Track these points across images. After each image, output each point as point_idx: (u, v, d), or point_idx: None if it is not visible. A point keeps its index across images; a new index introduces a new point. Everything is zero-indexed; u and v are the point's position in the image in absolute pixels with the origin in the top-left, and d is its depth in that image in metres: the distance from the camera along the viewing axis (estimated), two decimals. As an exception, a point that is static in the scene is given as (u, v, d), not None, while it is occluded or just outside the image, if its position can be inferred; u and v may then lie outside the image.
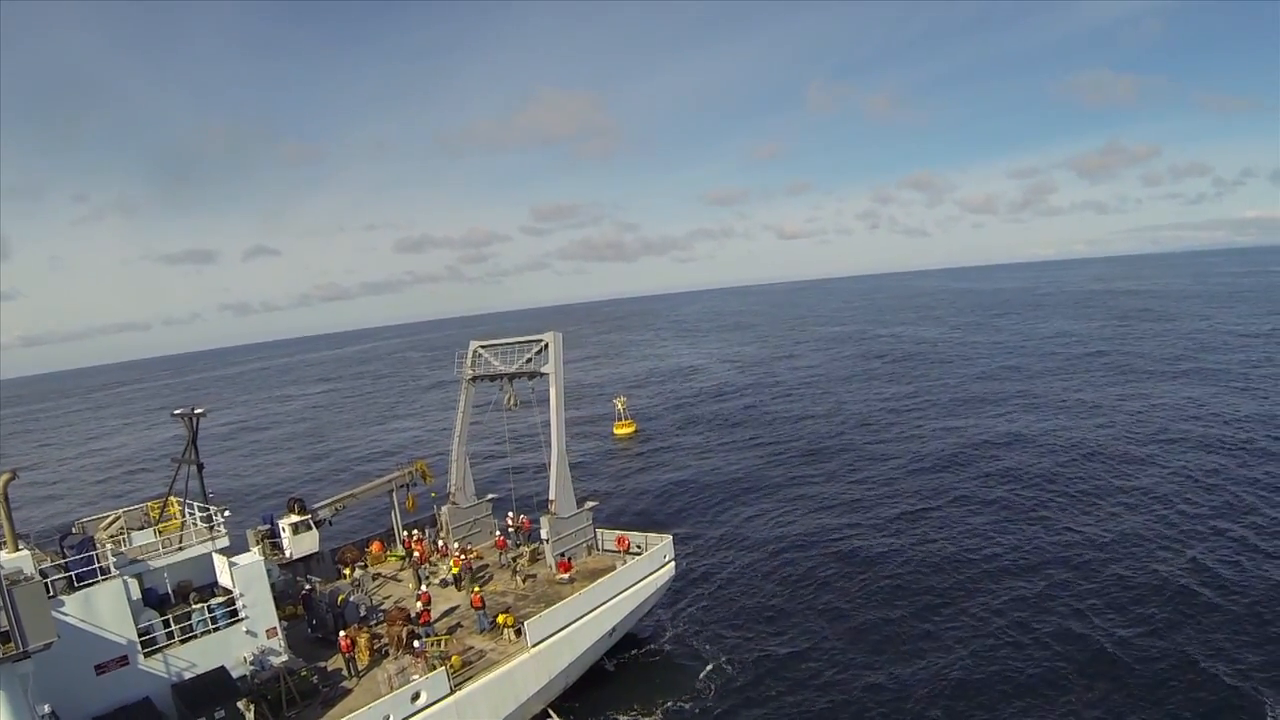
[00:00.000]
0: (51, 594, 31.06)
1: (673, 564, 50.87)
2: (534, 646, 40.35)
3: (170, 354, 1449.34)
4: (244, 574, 37.60)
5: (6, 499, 30.76)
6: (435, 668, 37.17)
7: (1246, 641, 42.81)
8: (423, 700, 35.36)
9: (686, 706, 41.81)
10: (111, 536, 37.38)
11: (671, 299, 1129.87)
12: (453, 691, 36.56)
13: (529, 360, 53.70)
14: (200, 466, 40.56)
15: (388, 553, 57.16)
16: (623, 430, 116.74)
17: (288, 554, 51.12)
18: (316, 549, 52.47)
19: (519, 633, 41.00)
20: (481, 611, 43.60)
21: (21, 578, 26.71)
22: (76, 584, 32.27)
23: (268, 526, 52.57)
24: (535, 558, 52.97)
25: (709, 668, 45.58)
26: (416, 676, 36.53)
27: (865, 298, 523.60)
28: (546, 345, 52.76)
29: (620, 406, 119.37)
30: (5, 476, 30.97)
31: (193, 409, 42.00)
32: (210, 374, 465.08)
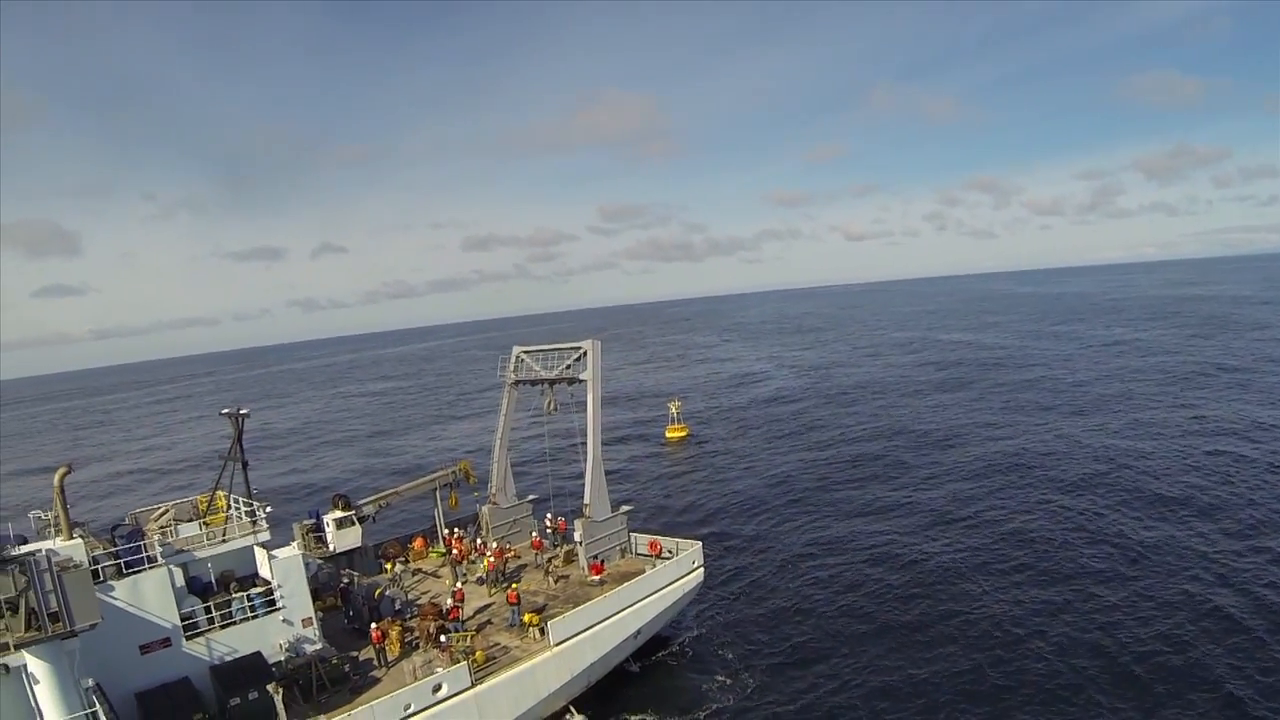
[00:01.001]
0: (101, 579, 34.06)
1: (702, 570, 52.30)
2: (557, 645, 42.18)
3: (239, 348, 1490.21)
4: (283, 566, 40.14)
5: (62, 490, 33.69)
6: (459, 662, 39.31)
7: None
8: (443, 692, 37.47)
9: (703, 713, 43.04)
10: (160, 528, 40.31)
11: (738, 300, 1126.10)
12: (473, 685, 38.56)
13: (568, 367, 55.41)
14: (245, 464, 43.22)
15: (430, 549, 59.41)
16: (675, 434, 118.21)
17: (331, 548, 53.84)
18: (359, 544, 55.11)
19: (543, 631, 42.87)
20: (515, 608, 45.68)
21: (71, 564, 29.36)
22: (125, 571, 35.19)
23: (313, 521, 55.41)
24: (569, 559, 54.69)
25: (730, 676, 46.73)
26: (440, 669, 38.70)
27: (930, 301, 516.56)
28: (585, 353, 54.35)
29: (674, 410, 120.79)
30: (62, 470, 33.94)
31: (238, 409, 44.70)
32: (277, 369, 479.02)
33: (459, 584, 50.56)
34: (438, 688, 37.44)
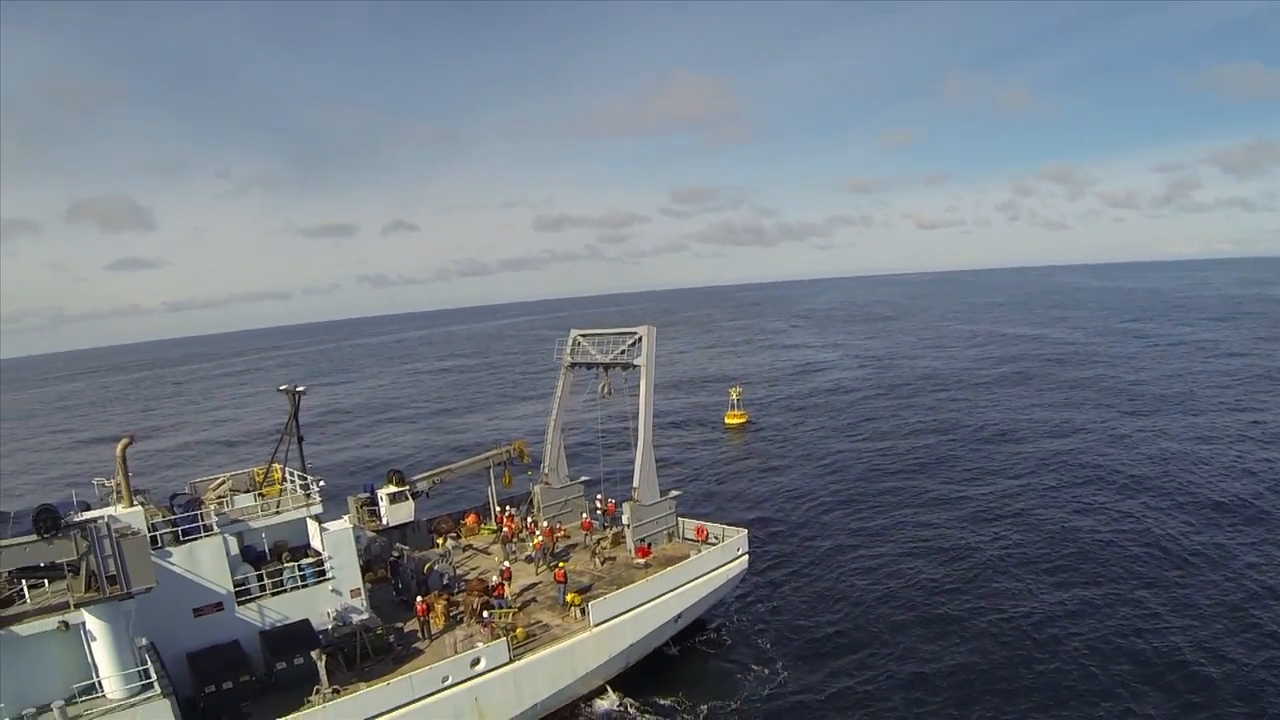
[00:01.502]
0: (159, 545, 35.86)
1: (746, 558, 52.70)
2: (597, 626, 43.01)
3: (309, 322, 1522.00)
4: (334, 539, 41.71)
5: (124, 460, 35.52)
6: (499, 638, 40.44)
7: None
8: (481, 666, 38.67)
9: (734, 702, 43.50)
10: (218, 498, 42.10)
11: (809, 285, 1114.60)
12: (511, 661, 39.64)
13: (623, 351, 55.93)
14: (300, 439, 44.86)
15: (482, 526, 60.75)
16: (734, 420, 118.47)
17: (384, 521, 55.41)
18: (412, 518, 56.58)
19: (584, 612, 43.77)
20: (563, 586, 46.67)
21: (130, 531, 31.08)
22: (182, 538, 37.05)
23: (368, 494, 57.08)
24: (617, 541, 55.50)
25: (766, 664, 47.20)
26: (480, 644, 39.90)
27: (999, 292, 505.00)
28: (641, 338, 54.89)
29: (734, 396, 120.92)
30: (124, 441, 35.82)
31: (295, 386, 46.34)
32: (346, 344, 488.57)
33: (507, 562, 51.68)
34: (476, 662, 38.62)
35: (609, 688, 44.80)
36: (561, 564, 50.17)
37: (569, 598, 45.24)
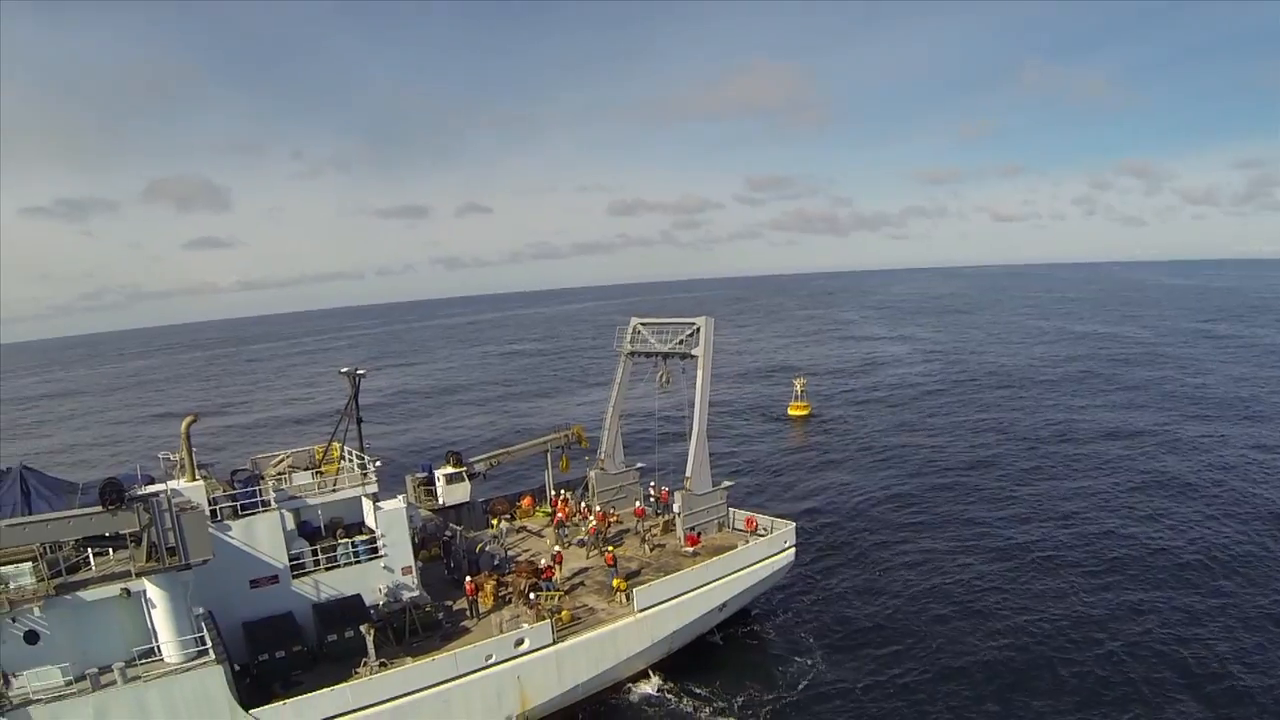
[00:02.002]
0: (219, 519, 37.47)
1: (793, 550, 52.74)
2: (640, 612, 43.67)
3: (382, 303, 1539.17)
4: (387, 518, 43.00)
5: (188, 436, 37.10)
6: (544, 619, 41.37)
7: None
8: (525, 646, 39.65)
9: (772, 692, 43.77)
10: (278, 474, 43.69)
11: (882, 276, 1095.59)
12: (555, 642, 40.57)
13: (681, 341, 56.20)
14: (360, 420, 46.23)
15: (537, 509, 61.85)
16: (797, 411, 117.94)
17: (440, 501, 56.76)
18: (467, 499, 57.87)
19: (629, 597, 44.43)
20: (613, 570, 47.51)
21: (190, 506, 32.59)
22: (241, 512, 38.62)
23: (425, 474, 58.52)
24: (668, 529, 56.02)
25: (807, 656, 47.40)
26: (526, 625, 40.85)
27: (1074, 288, 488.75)
28: (699, 329, 55.13)
29: (799, 387, 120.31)
30: (188, 419, 37.48)
31: (355, 369, 47.66)
32: (419, 325, 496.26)
33: (559, 546, 52.54)
34: (520, 642, 39.61)
35: (651, 672, 45.48)
36: (612, 548, 50.92)
37: (615, 583, 45.94)
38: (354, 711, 34.85)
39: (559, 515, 57.80)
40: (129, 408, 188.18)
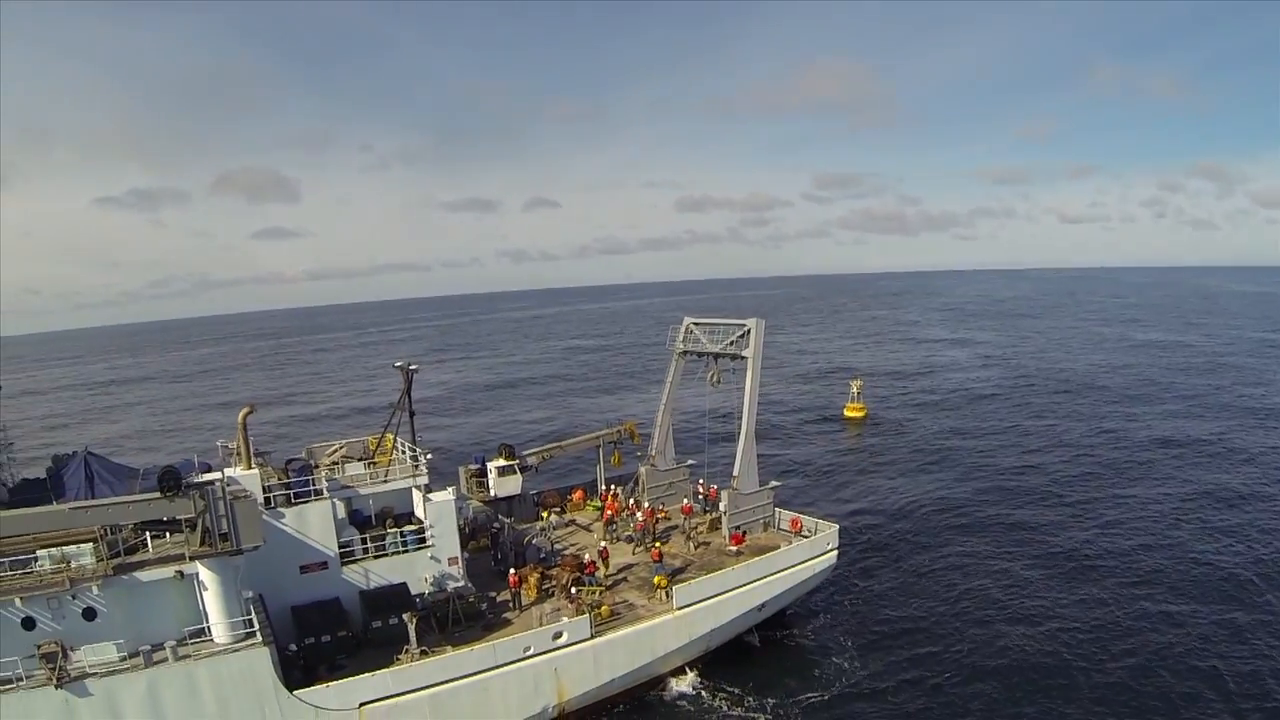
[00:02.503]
0: (272, 506, 38.72)
1: (835, 553, 52.41)
2: (679, 610, 43.96)
3: (448, 294, 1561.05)
4: (436, 509, 43.91)
5: (245, 427, 38.50)
6: (584, 613, 41.91)
7: None
8: (563, 640, 40.20)
9: (803, 695, 43.72)
10: (331, 464, 44.85)
11: (948, 277, 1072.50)
12: (593, 636, 41.06)
13: (733, 343, 56.21)
14: (412, 414, 47.26)
15: (587, 503, 62.44)
16: (853, 413, 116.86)
17: (491, 493, 57.58)
18: (518, 491, 58.53)
19: (669, 595, 44.82)
20: (660, 565, 47.66)
21: (243, 494, 33.91)
22: (294, 500, 39.87)
23: (478, 466, 59.30)
24: (714, 527, 56.14)
25: (842, 660, 47.24)
26: (565, 618, 41.43)
27: (1142, 292, 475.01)
28: (750, 331, 55.03)
29: (855, 389, 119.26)
30: (245, 410, 38.91)
31: (408, 364, 48.66)
32: (484, 317, 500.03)
33: (605, 542, 52.92)
34: (558, 635, 40.17)
35: (688, 669, 45.74)
36: (659, 544, 51.20)
37: (656, 580, 46.16)
38: (394, 696, 35.85)
39: (607, 511, 58.36)
40: (194, 396, 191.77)
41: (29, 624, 31.60)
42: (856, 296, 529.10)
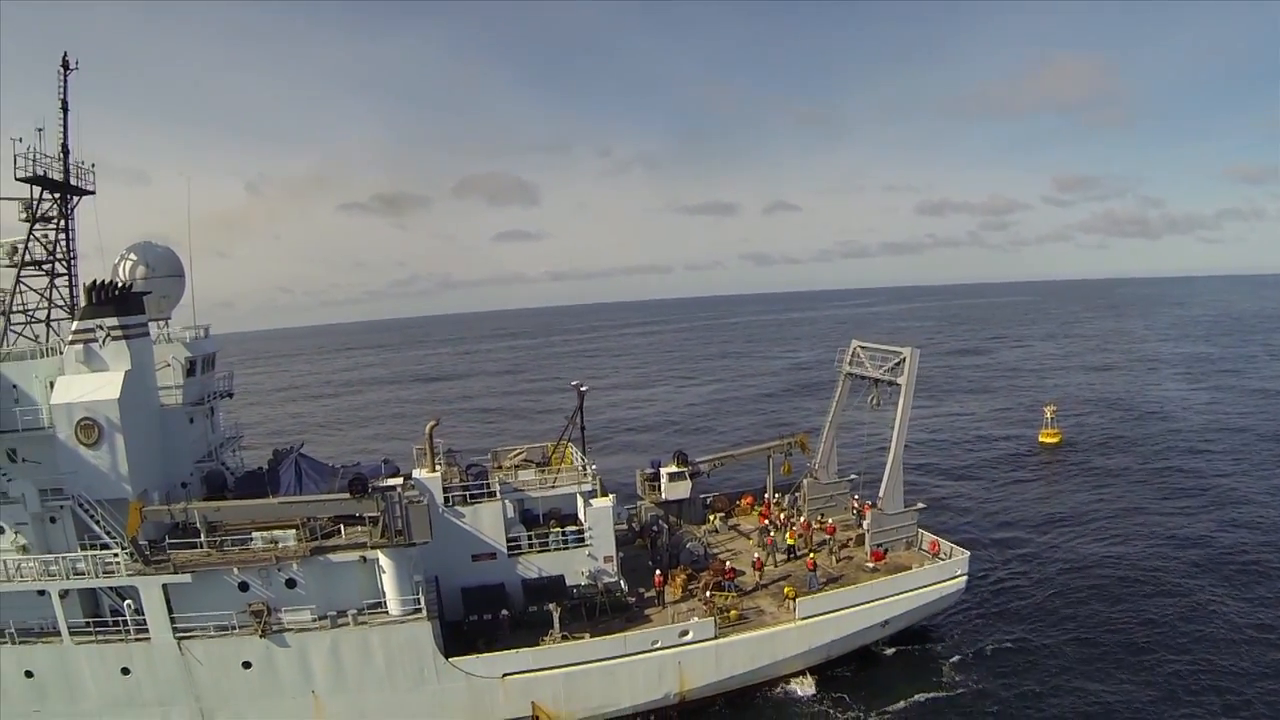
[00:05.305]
0: (451, 504, 43.77)
1: (964, 579, 50.95)
2: (801, 620, 45.07)
3: (691, 296, 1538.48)
4: (595, 514, 47.54)
5: (431, 437, 43.79)
6: (713, 615, 43.96)
7: None
8: (689, 638, 42.70)
9: (917, 711, 43.42)
10: (509, 468, 49.42)
11: (1190, 284, 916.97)
12: (716, 637, 43.21)
13: (890, 370, 56.09)
14: (583, 428, 51.04)
15: (754, 509, 63.85)
16: (1047, 438, 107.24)
17: (662, 496, 60.33)
18: (687, 496, 60.79)
19: (794, 606, 45.91)
20: (813, 574, 49.06)
21: (417, 499, 39.45)
22: (470, 500, 45.01)
23: (653, 470, 62.15)
24: (861, 542, 56.31)
25: (968, 690, 45.56)
26: (696, 618, 43.71)
27: None
28: (905, 360, 54.68)
29: (1049, 414, 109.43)
30: (431, 423, 44.18)
31: (580, 385, 52.41)
32: (727, 320, 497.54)
33: (759, 552, 54.06)
34: (685, 633, 42.70)
35: (808, 673, 46.56)
36: (814, 554, 52.12)
37: (785, 590, 47.31)
38: (533, 671, 40.14)
39: (762, 519, 59.57)
40: (418, 402, 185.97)
41: (244, 587, 39.00)
42: (1092, 305, 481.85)
